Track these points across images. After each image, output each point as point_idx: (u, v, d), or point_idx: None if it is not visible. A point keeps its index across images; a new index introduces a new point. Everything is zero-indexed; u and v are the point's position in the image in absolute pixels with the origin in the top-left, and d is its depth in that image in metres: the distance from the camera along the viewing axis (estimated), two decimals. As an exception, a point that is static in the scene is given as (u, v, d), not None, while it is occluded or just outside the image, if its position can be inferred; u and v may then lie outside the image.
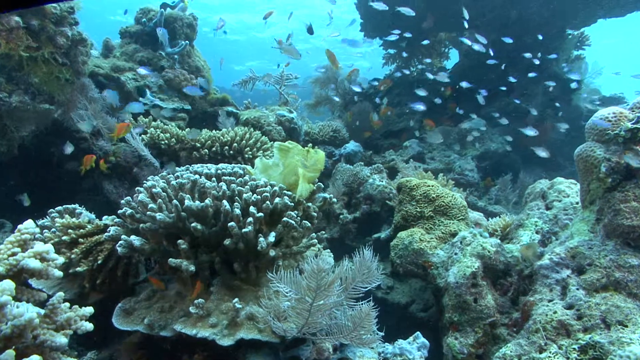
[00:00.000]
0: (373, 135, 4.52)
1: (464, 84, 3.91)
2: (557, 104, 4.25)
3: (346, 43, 3.62)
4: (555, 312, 1.27)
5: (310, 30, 3.26)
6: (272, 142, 3.05)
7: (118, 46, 3.57)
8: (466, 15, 3.80)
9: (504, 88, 4.22)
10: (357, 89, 4.44)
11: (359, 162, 3.43)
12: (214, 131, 2.89)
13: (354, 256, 1.21)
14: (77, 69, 2.55)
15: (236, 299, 1.31)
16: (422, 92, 3.95)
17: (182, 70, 3.55)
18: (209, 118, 3.75)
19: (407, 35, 4.16)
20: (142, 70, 3.01)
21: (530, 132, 3.17)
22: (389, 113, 4.54)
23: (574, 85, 4.20)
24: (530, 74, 4.02)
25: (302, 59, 3.26)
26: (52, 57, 2.34)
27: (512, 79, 4.03)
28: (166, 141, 2.75)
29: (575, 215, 1.66)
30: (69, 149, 2.41)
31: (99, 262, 1.46)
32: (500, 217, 2.16)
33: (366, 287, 1.19)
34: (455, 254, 1.73)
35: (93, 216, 1.72)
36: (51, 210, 1.68)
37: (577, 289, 1.30)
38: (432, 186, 2.20)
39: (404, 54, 4.93)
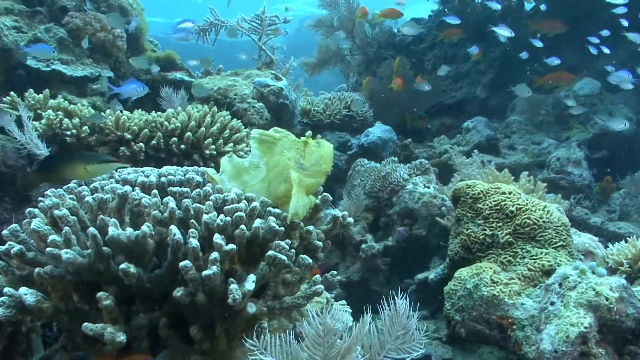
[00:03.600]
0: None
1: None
2: None
3: None
4: None
5: None
6: (248, 129, 3.08)
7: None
8: None
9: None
10: None
11: (391, 158, 3.43)
12: (153, 113, 2.91)
13: (381, 309, 1.22)
14: None
15: (194, 386, 1.33)
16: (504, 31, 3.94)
17: (96, 14, 3.58)
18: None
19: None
20: None
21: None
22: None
23: None
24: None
25: None
26: None
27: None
28: (74, 130, 2.77)
29: None
30: None
31: (-34, 333, 1.48)
32: (628, 241, 2.16)
33: (403, 359, 1.20)
34: (552, 303, 1.74)
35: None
36: None
37: None
38: (511, 193, 2.20)
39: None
